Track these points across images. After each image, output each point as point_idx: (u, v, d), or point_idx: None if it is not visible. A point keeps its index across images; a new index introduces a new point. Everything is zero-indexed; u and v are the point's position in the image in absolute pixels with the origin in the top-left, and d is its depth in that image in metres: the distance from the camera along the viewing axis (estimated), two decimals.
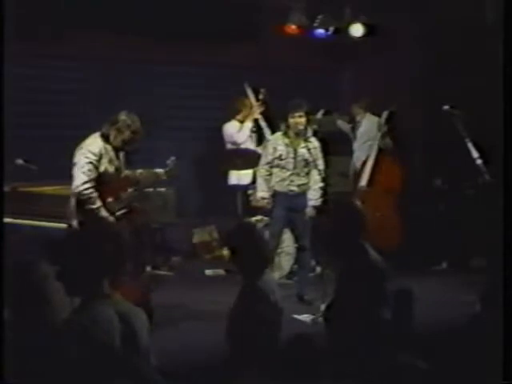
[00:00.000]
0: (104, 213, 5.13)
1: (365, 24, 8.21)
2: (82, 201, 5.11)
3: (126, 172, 5.46)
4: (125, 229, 5.21)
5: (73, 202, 5.16)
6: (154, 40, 7.77)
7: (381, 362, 3.61)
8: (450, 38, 7.51)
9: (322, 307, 5.28)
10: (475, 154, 6.19)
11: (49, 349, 2.87)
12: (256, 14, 8.39)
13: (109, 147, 5.23)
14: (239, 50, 8.26)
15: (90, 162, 5.10)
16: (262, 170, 6.38)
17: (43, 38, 7.27)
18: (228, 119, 7.71)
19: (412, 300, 4.88)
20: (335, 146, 7.59)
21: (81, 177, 5.09)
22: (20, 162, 5.69)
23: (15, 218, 5.60)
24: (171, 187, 7.57)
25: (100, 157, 5.15)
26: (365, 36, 8.26)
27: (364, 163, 7.73)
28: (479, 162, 6.16)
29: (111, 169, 5.25)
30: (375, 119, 7.96)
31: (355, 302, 3.87)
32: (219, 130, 7.73)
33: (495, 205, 4.66)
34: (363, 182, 7.61)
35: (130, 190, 5.32)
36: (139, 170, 5.59)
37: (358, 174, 7.75)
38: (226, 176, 7.74)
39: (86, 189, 5.07)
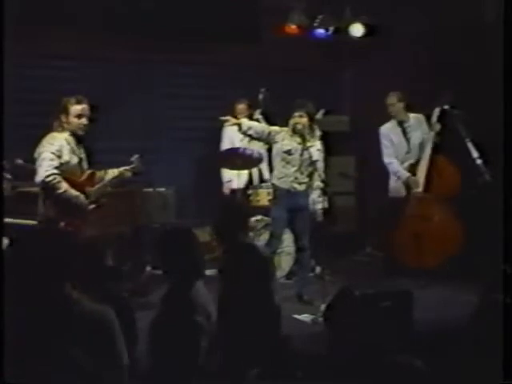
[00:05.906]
0: (73, 192, 5.05)
1: (365, 24, 8.19)
2: (49, 191, 5.00)
3: (92, 170, 5.35)
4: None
5: (40, 199, 5.08)
6: (154, 40, 7.76)
7: (380, 362, 3.61)
8: (450, 38, 7.50)
9: (322, 307, 5.29)
10: (475, 153, 6.19)
11: (49, 349, 2.87)
12: (256, 14, 8.38)
13: (68, 138, 5.13)
14: (239, 50, 8.26)
15: (52, 153, 5.00)
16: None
17: (43, 37, 7.27)
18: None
19: (412, 300, 4.90)
20: (335, 145, 7.56)
21: (43, 166, 4.97)
22: (20, 161, 5.69)
23: (15, 218, 5.59)
24: (171, 187, 7.57)
25: (61, 148, 5.05)
26: (365, 36, 8.25)
27: (414, 166, 7.04)
28: (479, 161, 6.16)
29: (74, 160, 5.15)
30: (420, 117, 7.26)
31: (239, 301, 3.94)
32: (219, 130, 7.73)
33: (495, 205, 4.67)
34: (420, 187, 6.94)
35: (97, 186, 5.26)
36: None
37: (409, 179, 7.01)
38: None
39: (50, 175, 4.95)
